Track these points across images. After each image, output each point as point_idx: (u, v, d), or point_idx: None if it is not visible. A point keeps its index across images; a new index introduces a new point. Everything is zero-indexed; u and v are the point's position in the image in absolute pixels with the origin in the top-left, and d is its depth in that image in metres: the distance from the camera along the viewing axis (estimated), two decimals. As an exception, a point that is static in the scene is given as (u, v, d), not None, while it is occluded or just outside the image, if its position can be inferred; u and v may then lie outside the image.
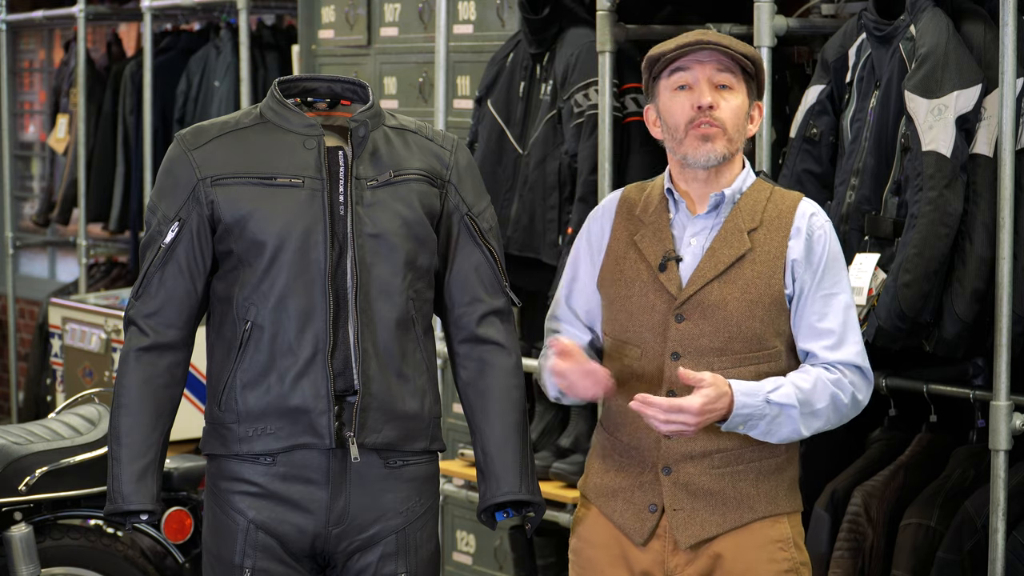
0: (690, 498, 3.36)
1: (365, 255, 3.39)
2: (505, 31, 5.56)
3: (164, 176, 3.46)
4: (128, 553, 4.74)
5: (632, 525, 3.41)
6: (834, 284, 3.36)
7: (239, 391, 3.40)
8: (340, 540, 3.45)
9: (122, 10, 8.31)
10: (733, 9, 4.91)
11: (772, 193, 3.41)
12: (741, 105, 3.35)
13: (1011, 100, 3.90)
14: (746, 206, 3.38)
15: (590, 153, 4.97)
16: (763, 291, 3.33)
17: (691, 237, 3.39)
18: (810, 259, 3.35)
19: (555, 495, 5.11)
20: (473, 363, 3.53)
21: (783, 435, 3.31)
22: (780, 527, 3.38)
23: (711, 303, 3.34)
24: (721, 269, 3.34)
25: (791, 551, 3.38)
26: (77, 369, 6.99)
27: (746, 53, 3.35)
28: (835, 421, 3.36)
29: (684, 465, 3.37)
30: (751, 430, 3.30)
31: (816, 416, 3.31)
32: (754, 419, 3.28)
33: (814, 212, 3.40)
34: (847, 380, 3.34)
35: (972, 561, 4.10)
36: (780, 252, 3.34)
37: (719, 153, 3.34)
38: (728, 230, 3.36)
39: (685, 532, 3.36)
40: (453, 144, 3.55)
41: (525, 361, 4.23)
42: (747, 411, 3.26)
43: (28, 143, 10.32)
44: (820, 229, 3.37)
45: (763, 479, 3.37)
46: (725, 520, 3.36)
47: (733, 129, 3.34)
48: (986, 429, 4.02)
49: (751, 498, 3.36)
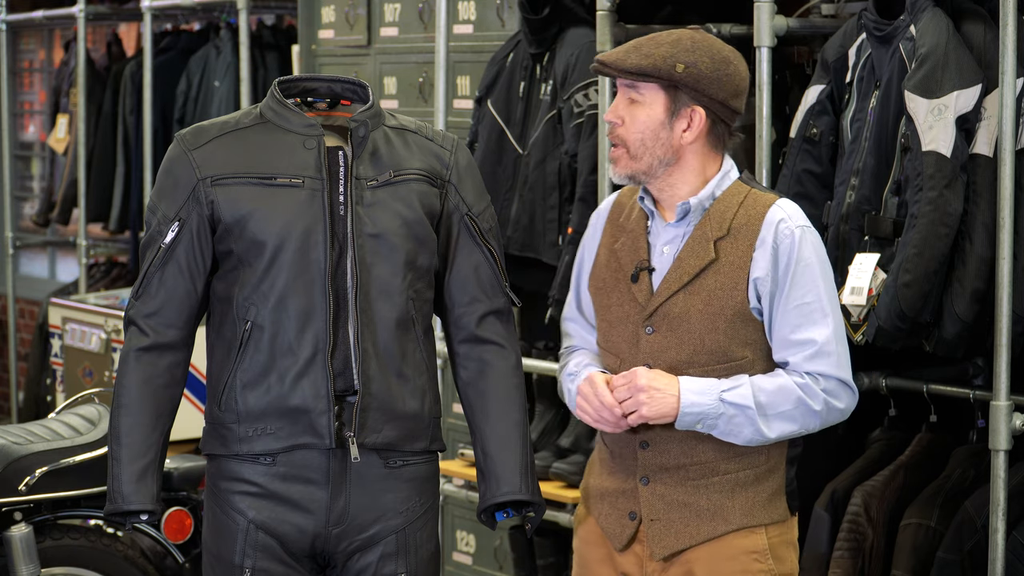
0: (666, 509, 3.36)
1: (365, 255, 3.39)
2: (505, 31, 5.56)
3: (164, 176, 3.46)
4: (128, 553, 4.74)
5: (613, 530, 3.43)
6: (806, 293, 3.28)
7: (239, 391, 3.40)
8: (340, 540, 3.45)
9: (122, 10, 8.31)
10: (733, 9, 4.90)
11: (746, 198, 3.35)
12: (649, 118, 3.30)
13: (1011, 100, 3.90)
14: (716, 213, 3.33)
15: (590, 153, 4.97)
16: (725, 303, 3.30)
17: (664, 246, 3.38)
18: (775, 271, 3.28)
19: (555, 495, 5.11)
20: (473, 363, 3.53)
21: (746, 436, 3.27)
22: (756, 538, 3.35)
23: (675, 315, 3.32)
24: (686, 280, 3.32)
25: (768, 562, 3.34)
26: (77, 369, 6.99)
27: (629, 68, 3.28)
28: (812, 426, 3.30)
29: (661, 476, 3.36)
30: (711, 430, 3.27)
31: (781, 418, 3.26)
32: (709, 418, 3.25)
33: (783, 218, 3.30)
34: (819, 387, 3.28)
35: (972, 561, 4.10)
36: (744, 263, 3.30)
37: (621, 174, 3.34)
38: (695, 239, 3.33)
39: (659, 543, 3.36)
40: (453, 144, 3.55)
41: (525, 361, 4.22)
42: (698, 409, 3.24)
43: (28, 143, 10.32)
44: (788, 238, 3.28)
45: (739, 491, 3.34)
46: (699, 532, 3.34)
47: (637, 145, 3.31)
48: (986, 429, 4.02)
49: (725, 510, 3.34)
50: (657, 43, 3.30)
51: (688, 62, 3.28)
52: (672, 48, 3.29)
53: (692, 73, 3.28)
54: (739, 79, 3.34)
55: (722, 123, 3.34)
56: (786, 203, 3.35)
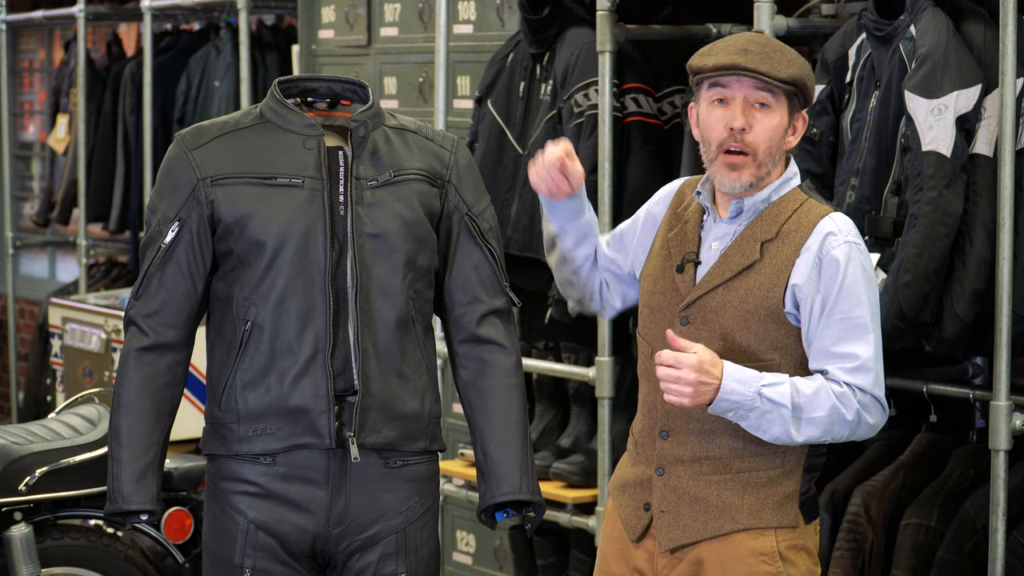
0: (677, 501, 3.36)
1: (365, 255, 3.39)
2: (505, 31, 5.56)
3: (164, 176, 3.46)
4: (128, 553, 4.74)
5: (629, 521, 3.43)
6: (853, 307, 3.26)
7: (239, 391, 3.40)
8: (340, 540, 3.45)
9: (122, 10, 8.31)
10: (733, 9, 4.90)
11: (802, 205, 3.35)
12: (778, 125, 3.31)
13: (1011, 100, 3.90)
14: (769, 216, 3.34)
15: (590, 153, 4.97)
16: (760, 303, 3.29)
17: (713, 241, 3.38)
18: (819, 282, 3.27)
19: (555, 495, 5.11)
20: (473, 363, 3.53)
21: (774, 434, 3.25)
22: (765, 540, 3.33)
23: (711, 309, 3.33)
24: (728, 276, 3.32)
25: (776, 565, 3.33)
26: (77, 369, 6.99)
27: (786, 78, 3.28)
28: (840, 435, 3.27)
29: (676, 468, 3.37)
30: (741, 420, 3.25)
31: (813, 424, 3.24)
32: (743, 408, 3.23)
33: (832, 231, 3.30)
34: (855, 398, 3.25)
35: (972, 561, 4.10)
36: (785, 267, 3.30)
37: (744, 182, 3.31)
38: (744, 238, 3.34)
39: (667, 535, 3.37)
40: (453, 144, 3.55)
41: (525, 361, 4.23)
42: (735, 397, 3.21)
43: (28, 143, 10.32)
44: (836, 250, 3.28)
45: (750, 491, 3.34)
46: (706, 527, 3.34)
47: (764, 153, 3.30)
48: (986, 429, 4.02)
49: (734, 508, 3.33)
50: (780, 50, 3.30)
51: (809, 74, 3.33)
52: (797, 58, 3.31)
53: (811, 84, 3.34)
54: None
55: None
56: (840, 217, 3.34)
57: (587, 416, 5.26)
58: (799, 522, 3.36)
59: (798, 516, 3.36)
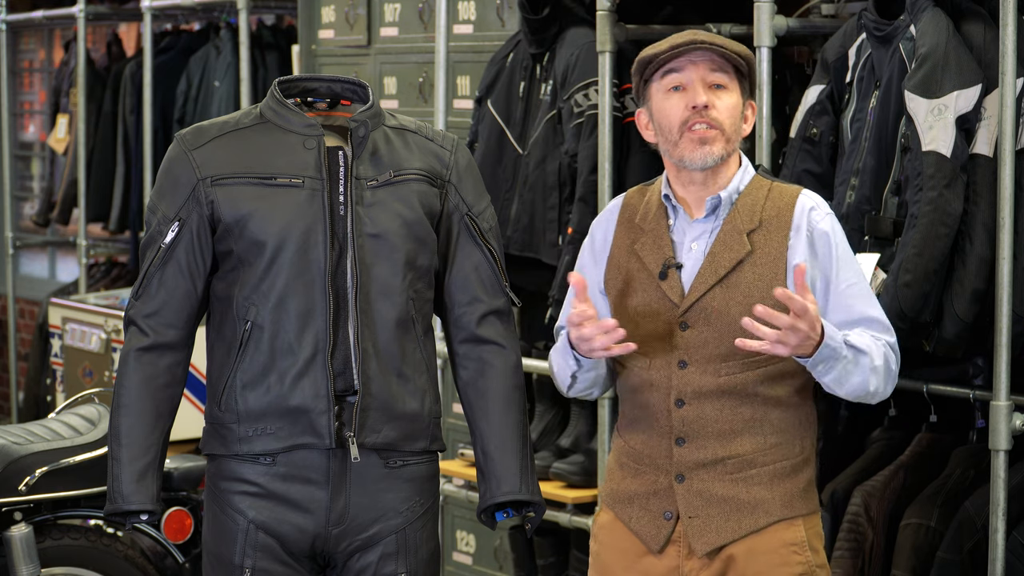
0: (705, 505, 3.34)
1: (365, 255, 3.39)
2: (505, 31, 5.56)
3: (164, 176, 3.46)
4: (128, 553, 4.74)
5: (648, 532, 3.40)
6: (851, 275, 3.34)
7: (239, 391, 3.41)
8: (340, 540, 3.45)
9: (122, 10, 8.31)
10: (733, 9, 4.91)
11: (771, 190, 3.37)
12: (736, 104, 3.33)
13: (1011, 100, 3.90)
14: (744, 206, 3.35)
15: (590, 153, 4.97)
16: (765, 295, 3.28)
17: (691, 242, 3.37)
18: (815, 259, 3.31)
19: (555, 495, 5.11)
20: (473, 363, 3.53)
21: (852, 385, 3.26)
22: (795, 530, 3.35)
23: (714, 309, 3.31)
24: (721, 274, 3.32)
25: (806, 554, 3.34)
26: (77, 369, 6.99)
27: (739, 52, 3.32)
28: (888, 387, 3.32)
29: (698, 473, 3.35)
30: (827, 373, 3.23)
31: (876, 373, 3.28)
32: (834, 360, 3.22)
33: (813, 206, 3.35)
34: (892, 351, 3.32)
35: (972, 561, 4.10)
36: (780, 253, 3.31)
37: (716, 155, 3.31)
38: (727, 232, 3.33)
39: (700, 539, 3.34)
40: (453, 144, 3.55)
41: (525, 361, 4.22)
42: (834, 344, 3.20)
43: (28, 143, 10.32)
44: (822, 223, 3.34)
45: (777, 482, 3.34)
46: (740, 526, 3.33)
47: (731, 129, 3.32)
48: (986, 429, 4.02)
49: (766, 502, 3.33)
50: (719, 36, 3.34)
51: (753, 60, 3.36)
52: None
53: (754, 70, 3.38)
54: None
55: None
56: (810, 192, 3.40)
57: (587, 416, 5.26)
58: (818, 507, 3.42)
59: (817, 501, 3.42)
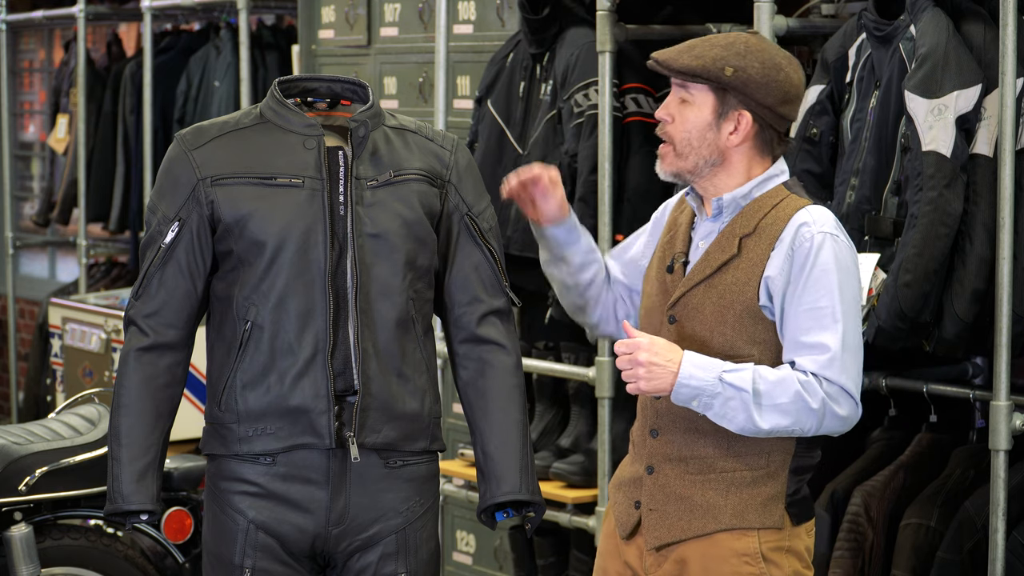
0: (664, 500, 3.37)
1: (365, 255, 3.39)
2: (505, 31, 5.56)
3: (164, 176, 3.46)
4: (128, 553, 4.74)
5: (621, 518, 3.45)
6: (820, 297, 3.24)
7: (239, 391, 3.40)
8: (340, 540, 3.45)
9: (122, 10, 8.31)
10: (733, 9, 4.91)
11: (782, 201, 3.34)
12: (696, 118, 3.32)
13: (1011, 100, 3.90)
14: (750, 212, 3.35)
15: (590, 153, 4.97)
16: (736, 298, 3.29)
17: (700, 240, 3.40)
18: (789, 272, 3.26)
19: (555, 495, 5.11)
20: (473, 363, 3.53)
21: (739, 422, 3.22)
22: (747, 541, 3.32)
23: (693, 306, 3.34)
24: (708, 273, 3.33)
25: (760, 566, 3.32)
26: (77, 369, 6.99)
27: (678, 67, 3.30)
28: (808, 426, 3.23)
29: (664, 466, 3.38)
30: (707, 409, 3.23)
31: (777, 411, 3.20)
32: (705, 395, 3.21)
33: (806, 222, 3.28)
34: (822, 388, 3.22)
35: (972, 561, 4.10)
36: (760, 261, 3.30)
37: (665, 172, 3.37)
38: (724, 234, 3.35)
39: (652, 533, 3.38)
40: (453, 144, 3.55)
41: (525, 361, 4.22)
42: (696, 383, 3.20)
43: (28, 143, 10.32)
44: (808, 241, 3.26)
45: (733, 491, 3.33)
46: (689, 527, 3.34)
47: (683, 144, 3.33)
48: (986, 429, 4.02)
49: (717, 508, 3.33)
50: (711, 45, 3.31)
51: (738, 66, 3.29)
52: (724, 51, 3.30)
53: (741, 77, 3.29)
54: (790, 86, 3.33)
55: (770, 128, 3.34)
56: (817, 209, 3.33)
57: (587, 416, 5.26)
58: (785, 524, 3.35)
59: (784, 517, 3.34)
